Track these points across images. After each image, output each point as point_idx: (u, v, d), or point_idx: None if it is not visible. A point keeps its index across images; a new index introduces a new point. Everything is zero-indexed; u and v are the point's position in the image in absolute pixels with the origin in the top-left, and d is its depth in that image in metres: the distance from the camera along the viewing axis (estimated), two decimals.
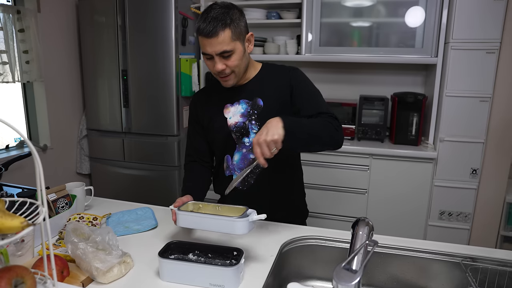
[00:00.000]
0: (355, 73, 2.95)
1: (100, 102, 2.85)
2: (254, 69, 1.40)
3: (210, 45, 1.20)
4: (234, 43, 1.22)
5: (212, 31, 1.18)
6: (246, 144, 1.37)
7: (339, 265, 0.80)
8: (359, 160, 2.52)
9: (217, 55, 1.22)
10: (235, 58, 1.24)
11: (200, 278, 0.95)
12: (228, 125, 1.36)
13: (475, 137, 2.39)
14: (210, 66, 1.27)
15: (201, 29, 1.20)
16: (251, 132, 1.35)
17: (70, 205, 1.30)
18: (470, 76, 2.34)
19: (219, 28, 1.18)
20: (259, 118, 1.34)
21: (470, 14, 2.27)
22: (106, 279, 0.95)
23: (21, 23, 2.40)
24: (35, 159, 0.65)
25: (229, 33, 1.20)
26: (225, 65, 1.24)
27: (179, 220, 1.09)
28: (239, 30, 1.24)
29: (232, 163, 1.40)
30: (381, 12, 2.56)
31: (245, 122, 1.35)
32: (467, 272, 1.13)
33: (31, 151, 0.65)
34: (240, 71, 1.30)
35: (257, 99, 1.35)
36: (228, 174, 1.41)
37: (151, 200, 2.48)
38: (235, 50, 1.23)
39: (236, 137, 1.37)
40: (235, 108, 1.37)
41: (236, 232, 1.03)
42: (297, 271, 1.26)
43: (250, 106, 1.35)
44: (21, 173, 2.33)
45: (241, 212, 1.06)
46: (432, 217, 2.53)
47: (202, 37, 1.21)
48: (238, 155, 1.38)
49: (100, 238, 1.01)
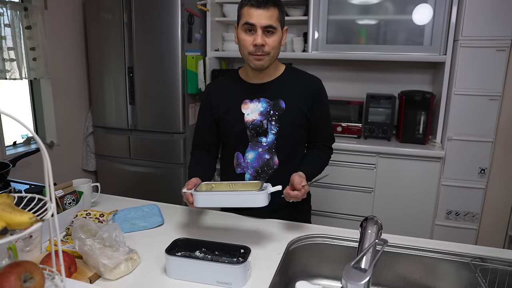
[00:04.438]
0: (362, 71, 2.93)
1: (106, 99, 2.85)
2: (277, 69, 1.39)
3: (258, 16, 1.21)
4: (278, 24, 1.25)
5: (264, 1, 1.21)
6: (263, 144, 1.36)
7: (348, 264, 0.80)
8: (366, 158, 2.50)
9: (262, 28, 1.22)
10: (275, 39, 1.26)
11: (207, 275, 0.95)
12: (244, 121, 1.35)
13: (484, 136, 2.36)
14: (248, 42, 1.25)
15: (252, 0, 1.21)
16: (270, 132, 1.35)
17: (77, 202, 1.30)
18: (479, 74, 2.31)
19: (271, 3, 1.22)
20: (279, 119, 1.34)
21: (480, 11, 2.24)
22: (113, 276, 0.95)
23: (28, 20, 2.41)
24: (44, 156, 0.64)
25: (277, 12, 1.24)
26: (265, 42, 1.24)
27: (198, 201, 1.09)
28: (283, 17, 1.28)
29: (245, 161, 1.39)
30: (389, 9, 2.53)
31: (262, 121, 1.34)
32: (477, 272, 1.11)
33: (40, 147, 0.65)
34: (274, 56, 1.30)
35: (280, 100, 1.34)
36: (240, 171, 1.40)
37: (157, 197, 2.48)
38: (277, 31, 1.25)
39: (251, 135, 1.36)
40: (254, 105, 1.35)
41: (257, 205, 1.06)
42: (303, 270, 1.25)
43: (271, 106, 1.34)
44: (28, 169, 2.34)
45: (257, 186, 1.09)
46: (439, 217, 2.51)
47: (250, 6, 1.22)
48: (253, 154, 1.38)
49: (107, 234, 1.01)
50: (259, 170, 1.38)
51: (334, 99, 2.75)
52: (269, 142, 1.35)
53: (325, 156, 1.45)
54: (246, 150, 1.38)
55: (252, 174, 1.39)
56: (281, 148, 1.36)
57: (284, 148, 1.36)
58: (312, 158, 1.41)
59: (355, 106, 2.71)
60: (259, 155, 1.37)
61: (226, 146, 1.45)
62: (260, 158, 1.37)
